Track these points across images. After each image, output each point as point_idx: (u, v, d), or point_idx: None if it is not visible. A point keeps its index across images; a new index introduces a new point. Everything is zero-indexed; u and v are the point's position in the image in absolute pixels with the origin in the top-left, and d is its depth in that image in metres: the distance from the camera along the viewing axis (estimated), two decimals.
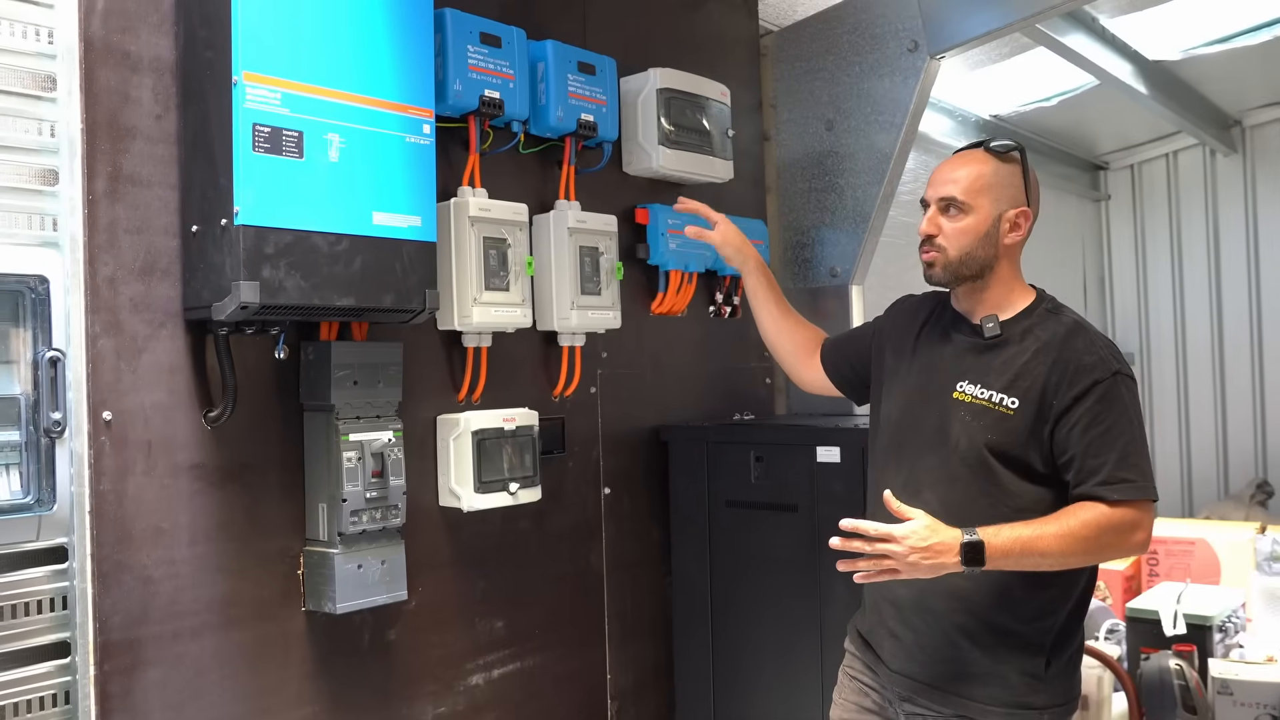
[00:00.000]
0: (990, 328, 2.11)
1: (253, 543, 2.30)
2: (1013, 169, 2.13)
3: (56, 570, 2.06)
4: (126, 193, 2.13)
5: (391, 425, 2.42)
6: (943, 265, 2.12)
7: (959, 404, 2.08)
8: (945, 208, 2.12)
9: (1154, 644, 4.43)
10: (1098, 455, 1.95)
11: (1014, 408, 2.02)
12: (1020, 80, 5.24)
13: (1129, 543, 1.96)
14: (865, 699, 2.22)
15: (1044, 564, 1.94)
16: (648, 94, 3.15)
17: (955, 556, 1.87)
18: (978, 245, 2.10)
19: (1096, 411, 1.97)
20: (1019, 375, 2.04)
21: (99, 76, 2.10)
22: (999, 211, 2.11)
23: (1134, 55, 4.97)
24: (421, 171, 2.36)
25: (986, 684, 2.04)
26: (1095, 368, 2.00)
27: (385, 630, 2.54)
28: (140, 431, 2.13)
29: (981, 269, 2.11)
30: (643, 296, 3.27)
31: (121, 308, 2.12)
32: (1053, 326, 2.09)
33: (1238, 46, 5.00)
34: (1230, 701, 4.05)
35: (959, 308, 2.21)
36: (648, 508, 3.27)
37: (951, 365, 2.14)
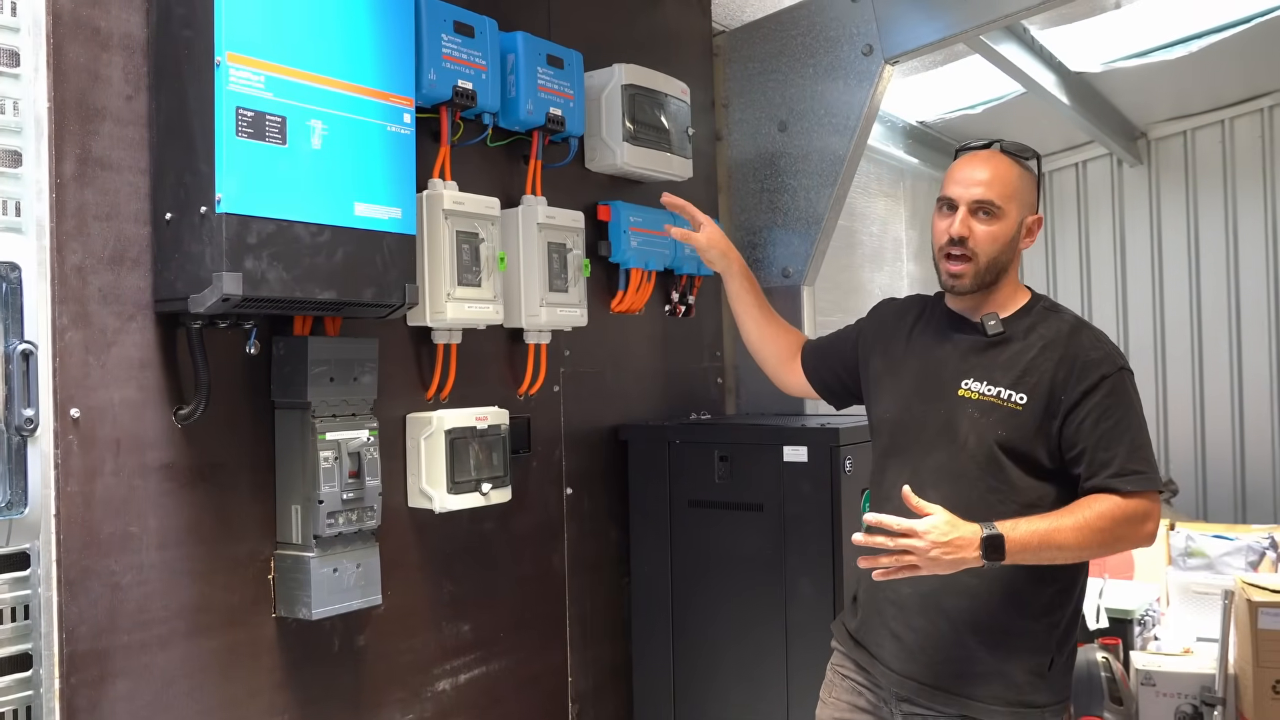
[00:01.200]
0: (993, 325, 2.10)
1: (223, 546, 2.20)
2: (1029, 174, 2.15)
3: (17, 578, 1.94)
4: (96, 176, 2.01)
5: (368, 424, 2.34)
6: (973, 274, 2.09)
7: (966, 401, 2.08)
8: (976, 210, 2.08)
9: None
10: (1109, 448, 1.97)
11: (1022, 403, 2.03)
12: (948, 88, 5.37)
13: (1141, 533, 1.98)
14: (859, 698, 2.21)
15: (1060, 557, 1.95)
16: (612, 90, 3.11)
17: (975, 551, 1.87)
18: (1003, 251, 2.09)
19: (1105, 406, 1.99)
20: (1026, 371, 2.05)
21: (68, 53, 1.98)
22: (1022, 217, 2.12)
23: (1058, 66, 5.12)
24: (402, 162, 2.29)
25: (990, 683, 2.04)
26: (1102, 363, 2.03)
27: (355, 636, 2.45)
28: (109, 430, 2.01)
29: (999, 275, 2.11)
30: (602, 294, 3.24)
31: (90, 298, 2.00)
32: (1055, 324, 2.10)
33: (1154, 61, 5.20)
34: (1153, 692, 4.21)
35: (956, 307, 2.20)
36: (606, 508, 3.24)
37: (955, 364, 2.13)
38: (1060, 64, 5.12)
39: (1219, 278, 6.37)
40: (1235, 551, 4.67)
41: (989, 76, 5.03)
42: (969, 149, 2.20)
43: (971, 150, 2.18)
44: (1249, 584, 3.93)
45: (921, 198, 6.00)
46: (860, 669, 2.22)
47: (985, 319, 2.12)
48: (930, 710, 2.08)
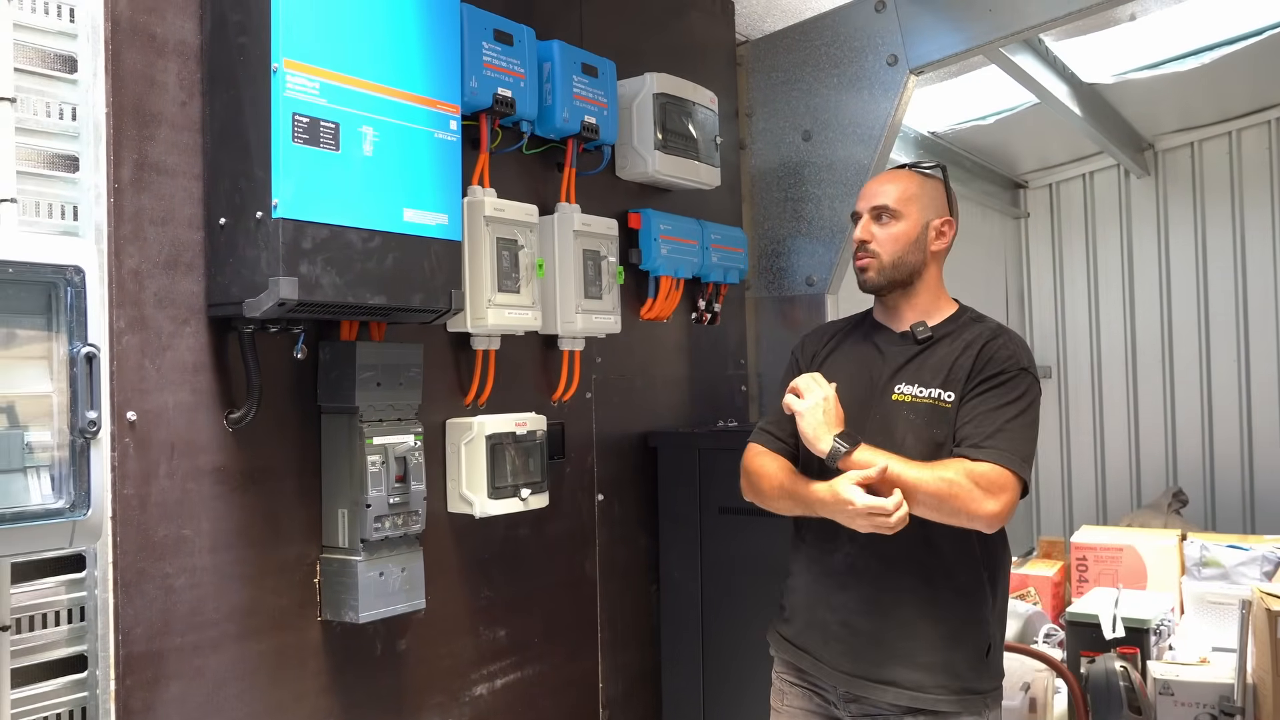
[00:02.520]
0: (921, 330, 2.26)
1: (272, 550, 2.21)
2: (936, 184, 2.33)
3: (73, 580, 1.95)
4: (152, 182, 2.03)
5: (413, 428, 2.35)
6: (877, 269, 2.28)
7: (900, 404, 2.20)
8: (878, 215, 2.29)
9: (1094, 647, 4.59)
10: (978, 426, 2.12)
11: (949, 400, 2.17)
12: (960, 99, 5.40)
13: (981, 504, 2.02)
14: (810, 703, 2.29)
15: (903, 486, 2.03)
16: (644, 98, 3.14)
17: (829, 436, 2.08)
18: (908, 250, 2.27)
19: (994, 395, 2.15)
20: (952, 370, 2.20)
21: (125, 59, 2.00)
22: (926, 219, 2.29)
23: (1070, 77, 5.16)
24: (449, 168, 2.31)
25: (935, 673, 2.14)
26: (1006, 361, 2.19)
27: (397, 640, 2.46)
28: (164, 433, 2.03)
29: (912, 274, 2.28)
30: (632, 301, 3.26)
31: (146, 302, 2.01)
32: (978, 329, 2.27)
33: (1164, 73, 5.25)
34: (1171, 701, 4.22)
35: (882, 318, 2.36)
36: (636, 514, 3.25)
37: (886, 370, 2.27)
38: (1073, 75, 5.16)
39: (1226, 288, 6.41)
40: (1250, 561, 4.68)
41: (1000, 87, 5.06)
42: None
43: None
44: (1267, 593, 3.95)
45: None
46: (803, 673, 2.29)
47: (915, 327, 2.27)
48: (880, 705, 2.16)
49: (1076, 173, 6.96)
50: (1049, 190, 7.14)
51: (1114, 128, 6.01)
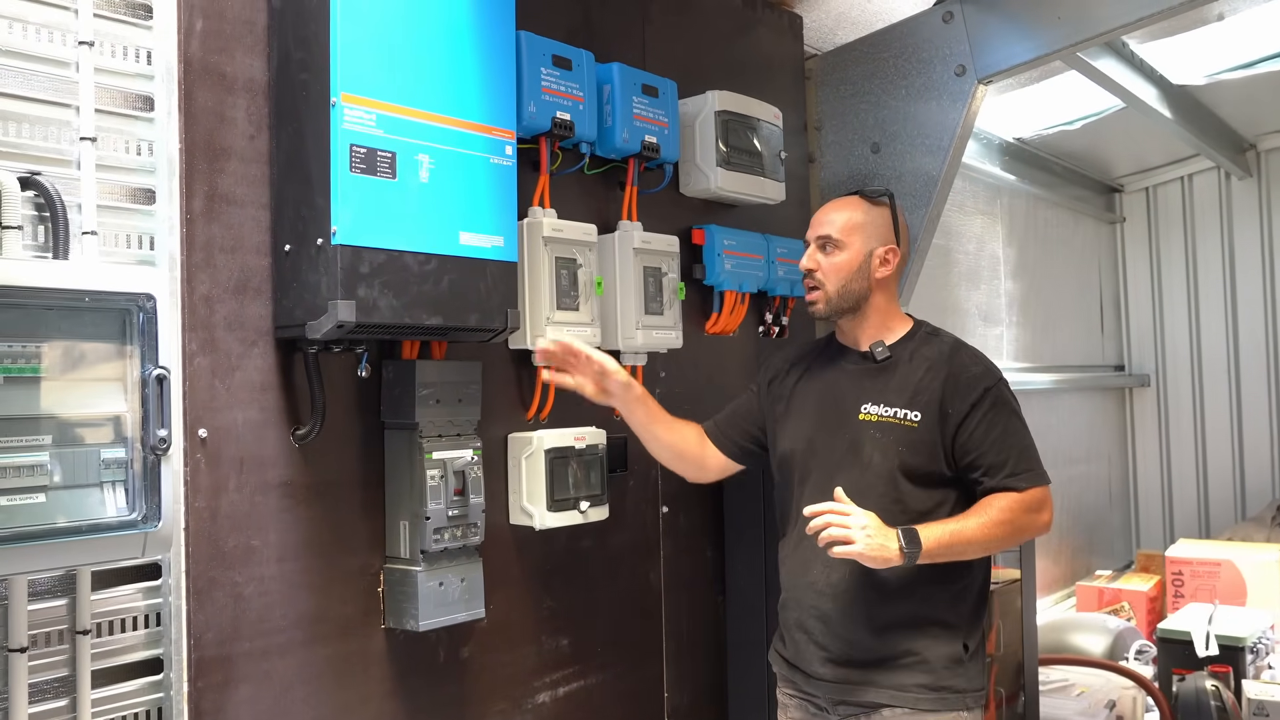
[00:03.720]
0: (880, 351, 2.38)
1: (337, 560, 2.31)
2: (883, 211, 2.44)
3: (150, 587, 2.08)
4: (222, 212, 2.15)
5: (472, 444, 2.44)
6: (824, 299, 2.41)
7: (867, 424, 2.33)
8: (823, 245, 2.42)
9: (1186, 665, 4.48)
10: (1000, 453, 2.27)
11: (916, 420, 2.29)
12: (1045, 104, 5.32)
13: (1039, 521, 2.29)
14: (803, 713, 2.43)
15: (970, 550, 2.23)
16: (706, 116, 3.18)
17: (896, 543, 2.12)
18: (852, 279, 2.38)
19: (993, 416, 2.28)
20: (917, 391, 2.31)
21: (196, 97, 2.12)
22: (870, 249, 2.40)
23: (1159, 79, 5.04)
24: (504, 192, 2.39)
25: (913, 672, 2.27)
26: (982, 377, 2.32)
27: (459, 648, 2.54)
28: (233, 449, 2.14)
29: (858, 301, 2.40)
30: (696, 316, 3.30)
31: (216, 325, 2.13)
32: (937, 346, 2.38)
33: (1260, 72, 5.08)
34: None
35: (843, 340, 2.48)
36: (703, 526, 3.29)
37: (851, 391, 2.39)
38: (1161, 77, 5.04)
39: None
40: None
41: (1086, 92, 4.97)
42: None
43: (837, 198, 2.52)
44: None
45: (1019, 215, 5.93)
46: (799, 688, 2.43)
47: (873, 346, 2.40)
48: (863, 705, 2.30)
49: (1174, 175, 6.78)
50: (1145, 194, 6.96)
51: (1211, 129, 5.85)
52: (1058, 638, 4.99)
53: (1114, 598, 5.70)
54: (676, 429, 2.63)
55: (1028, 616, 3.71)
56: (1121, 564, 6.59)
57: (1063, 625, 5.15)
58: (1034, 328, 5.96)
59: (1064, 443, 6.19)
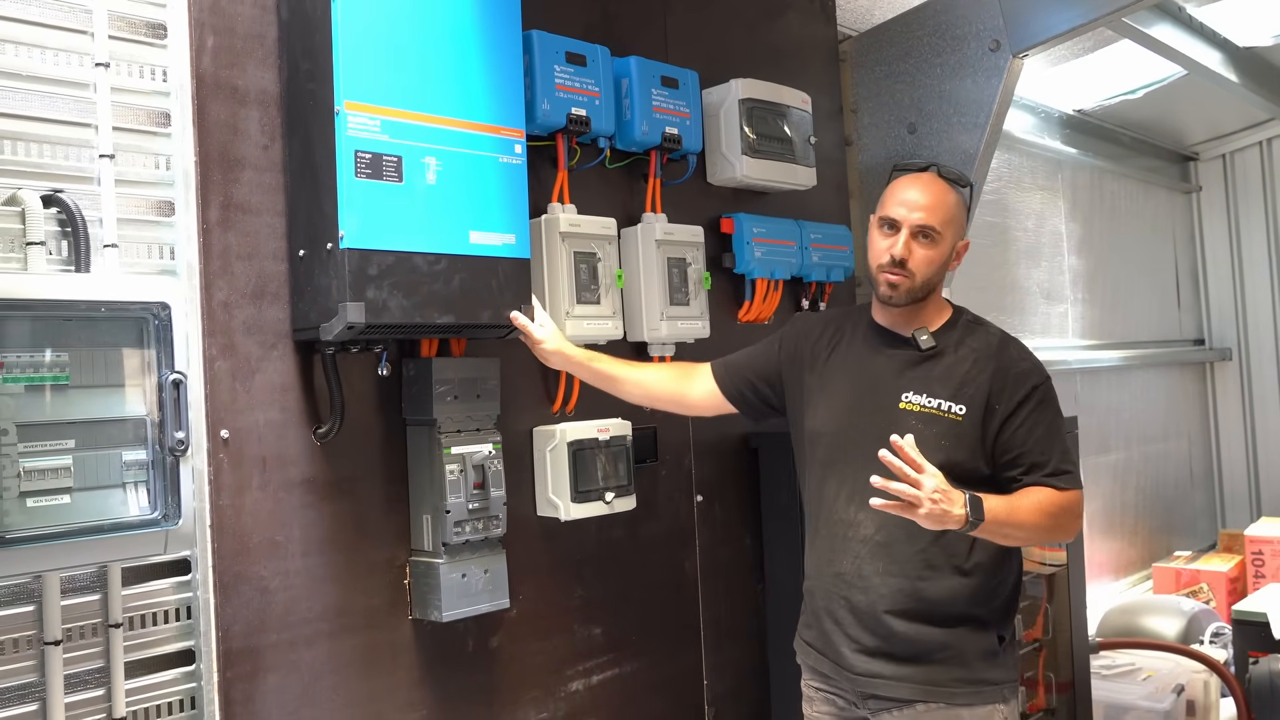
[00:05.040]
0: (925, 339, 2.27)
1: (361, 553, 2.39)
2: (962, 201, 2.32)
3: (180, 582, 2.17)
4: (237, 220, 2.24)
5: (491, 438, 2.49)
6: (907, 290, 2.25)
7: (908, 413, 2.22)
8: (919, 233, 2.23)
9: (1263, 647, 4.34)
10: (1044, 453, 2.19)
11: (962, 414, 2.20)
12: (1104, 74, 5.17)
13: (1074, 526, 2.23)
14: (832, 705, 2.34)
15: (1016, 535, 2.16)
16: (730, 104, 3.18)
17: (962, 509, 2.01)
18: (936, 272, 2.27)
19: (1039, 414, 2.21)
20: (963, 383, 2.22)
21: (210, 111, 2.21)
22: (954, 242, 2.29)
23: (1223, 43, 4.87)
24: (514, 190, 2.43)
25: (948, 666, 2.20)
26: (1032, 374, 2.24)
27: (488, 638, 2.60)
28: (255, 448, 2.23)
29: (929, 293, 2.29)
30: (729, 305, 3.30)
31: (235, 330, 2.22)
32: (983, 337, 2.29)
33: None
34: None
35: (884, 322, 2.35)
36: (740, 515, 3.30)
37: (891, 377, 2.27)
38: (1225, 40, 4.86)
39: None
40: None
41: (1147, 59, 4.82)
42: (906, 170, 2.33)
43: (910, 173, 2.31)
44: None
45: (1082, 189, 5.78)
46: (826, 678, 2.34)
47: (917, 334, 2.28)
48: (895, 700, 2.22)
49: (1252, 141, 6.53)
50: (1222, 161, 6.72)
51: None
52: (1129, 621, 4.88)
53: (1192, 579, 5.54)
54: (639, 373, 2.59)
55: (1076, 600, 3.63)
56: (1205, 544, 6.39)
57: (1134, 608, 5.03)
58: (1101, 304, 5.80)
59: (1138, 420, 6.02)
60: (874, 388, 2.29)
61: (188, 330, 2.13)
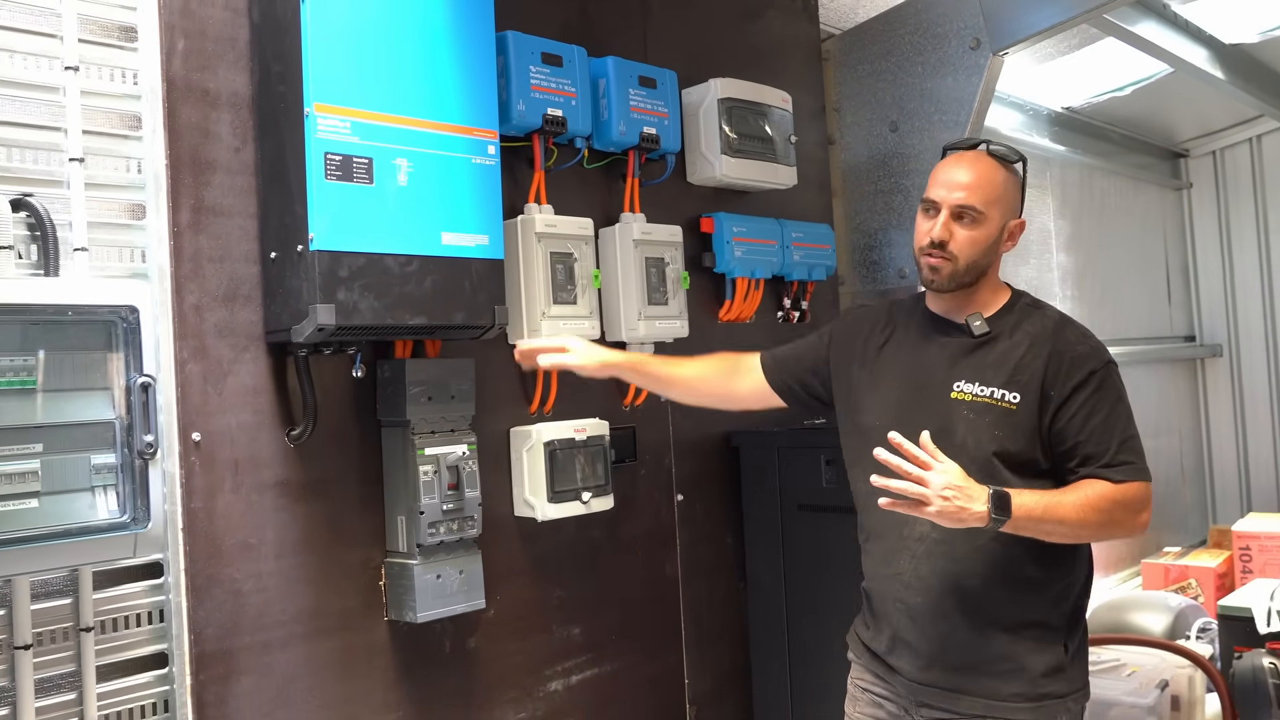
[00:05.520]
0: (979, 325, 2.13)
1: (336, 555, 2.39)
2: (1015, 179, 2.17)
3: (153, 585, 2.18)
4: (209, 223, 2.24)
5: (465, 439, 2.49)
6: (949, 274, 2.12)
7: (960, 403, 2.09)
8: (959, 214, 2.10)
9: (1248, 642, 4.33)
10: (1100, 442, 2.02)
11: (1016, 402, 2.05)
12: (1091, 71, 5.16)
13: (1135, 522, 2.03)
14: (880, 709, 2.21)
15: (1059, 531, 1.97)
16: (709, 104, 3.18)
17: (984, 506, 1.88)
18: (983, 254, 2.12)
19: (1096, 400, 2.03)
20: (1017, 369, 2.07)
21: (181, 114, 2.21)
22: (1005, 221, 2.13)
23: (1209, 40, 4.85)
24: (487, 191, 2.43)
25: (1010, 680, 2.05)
26: (1090, 357, 2.06)
27: (465, 638, 2.60)
28: (228, 451, 2.23)
29: (978, 276, 2.14)
30: (710, 304, 3.31)
31: (207, 333, 2.22)
32: (1040, 320, 2.13)
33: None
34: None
35: (938, 309, 2.22)
36: (721, 514, 3.30)
37: (944, 366, 2.14)
38: (1211, 37, 4.85)
39: None
40: None
41: (1134, 56, 4.81)
42: (955, 149, 2.21)
43: (958, 151, 2.19)
44: None
45: (1071, 186, 5.77)
46: (879, 679, 2.22)
47: (970, 319, 2.14)
48: (954, 713, 2.08)
49: (1242, 137, 6.50)
50: (1212, 158, 6.70)
51: (1274, 87, 5.59)
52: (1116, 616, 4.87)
53: (1180, 575, 5.53)
54: (684, 370, 2.50)
55: None
56: (1195, 540, 6.39)
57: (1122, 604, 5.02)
58: (1090, 301, 5.79)
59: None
60: (927, 378, 2.16)
61: (158, 333, 2.14)
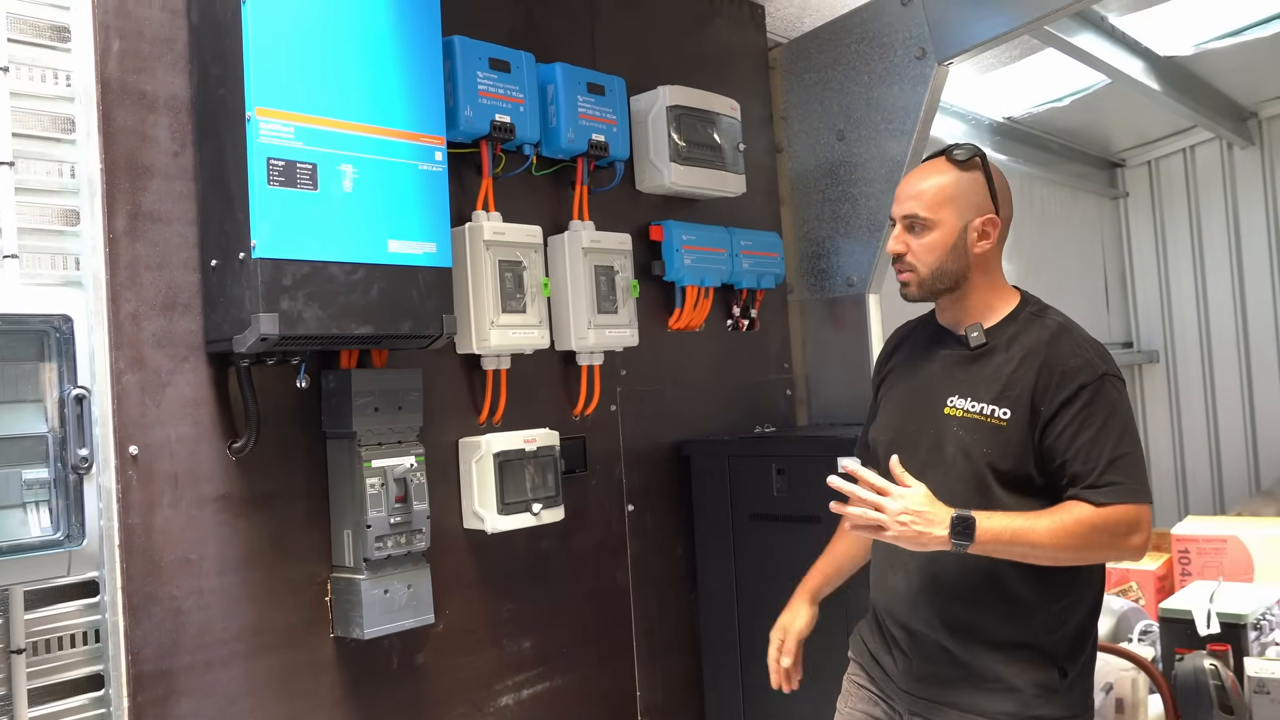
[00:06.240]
0: (975, 337, 2.07)
1: (280, 571, 2.33)
2: (975, 176, 2.08)
3: (88, 604, 2.10)
4: (146, 230, 2.17)
5: (413, 450, 2.44)
6: (917, 284, 2.09)
7: (951, 420, 2.04)
8: (910, 225, 2.08)
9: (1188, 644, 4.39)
10: (1086, 461, 1.92)
11: (1006, 419, 1.98)
12: (1032, 81, 5.24)
13: (1124, 545, 1.93)
14: (875, 708, 2.20)
15: (1033, 555, 1.91)
16: (657, 111, 3.16)
17: (945, 530, 1.85)
18: (947, 259, 2.05)
19: (1084, 416, 1.93)
20: (1008, 384, 2.00)
21: (116, 117, 2.14)
22: (964, 222, 2.05)
23: (1145, 52, 4.95)
24: (435, 198, 2.39)
25: (998, 698, 1.99)
26: (1081, 371, 1.96)
27: (414, 654, 2.55)
28: (167, 464, 2.16)
29: (955, 281, 2.07)
30: (659, 313, 3.29)
31: (144, 343, 2.15)
32: (1037, 331, 2.04)
33: (1250, 39, 4.98)
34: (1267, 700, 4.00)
35: (944, 320, 2.17)
36: (671, 523, 3.28)
37: (941, 380, 2.10)
38: (1147, 50, 4.95)
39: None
40: None
41: (1073, 67, 4.89)
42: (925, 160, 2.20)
43: (923, 161, 2.18)
44: None
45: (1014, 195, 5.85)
46: (874, 681, 2.21)
47: (968, 331, 2.08)
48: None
49: (1176, 148, 6.65)
50: (1148, 168, 6.85)
51: (1208, 100, 5.73)
52: None
53: (1122, 578, 5.60)
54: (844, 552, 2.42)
55: None
56: None
57: None
58: None
59: None
60: (926, 393, 2.11)
61: (93, 343, 2.07)
